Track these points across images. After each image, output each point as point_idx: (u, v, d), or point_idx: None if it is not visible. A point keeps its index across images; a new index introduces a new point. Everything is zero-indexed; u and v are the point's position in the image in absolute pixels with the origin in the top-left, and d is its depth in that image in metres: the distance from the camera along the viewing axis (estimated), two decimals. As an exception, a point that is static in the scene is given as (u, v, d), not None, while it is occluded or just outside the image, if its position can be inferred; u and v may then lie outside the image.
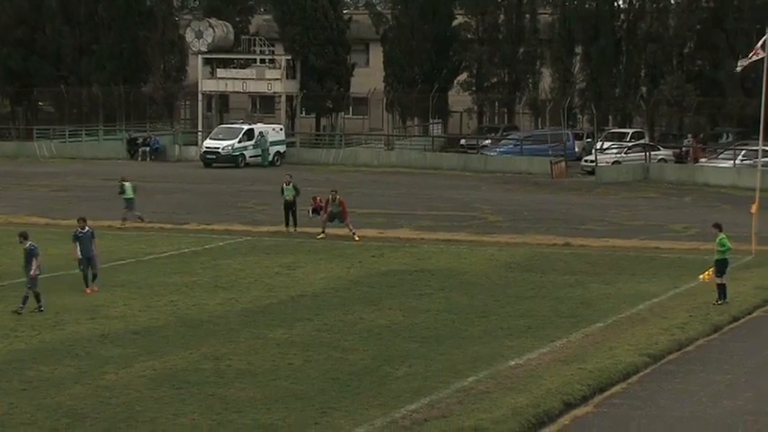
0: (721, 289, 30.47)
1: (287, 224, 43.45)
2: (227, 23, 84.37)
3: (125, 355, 24.41)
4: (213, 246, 40.47)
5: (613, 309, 29.58)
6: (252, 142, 73.24)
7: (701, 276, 31.50)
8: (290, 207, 43.51)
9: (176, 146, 79.25)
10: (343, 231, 41.63)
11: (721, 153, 67.15)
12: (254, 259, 37.27)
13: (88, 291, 31.69)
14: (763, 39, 39.10)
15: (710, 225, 32.82)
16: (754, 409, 21.17)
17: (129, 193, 45.87)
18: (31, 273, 29.38)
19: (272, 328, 27.18)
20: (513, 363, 23.95)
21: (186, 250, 39.36)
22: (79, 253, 31.99)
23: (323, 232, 41.93)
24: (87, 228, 32.38)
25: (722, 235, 31.23)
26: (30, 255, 29.71)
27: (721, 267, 30.80)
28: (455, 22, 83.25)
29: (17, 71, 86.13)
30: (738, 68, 40.40)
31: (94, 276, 32.17)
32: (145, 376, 22.77)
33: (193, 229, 44.50)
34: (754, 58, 38.56)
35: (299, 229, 43.08)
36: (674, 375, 23.60)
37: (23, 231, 30.86)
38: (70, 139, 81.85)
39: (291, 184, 43.61)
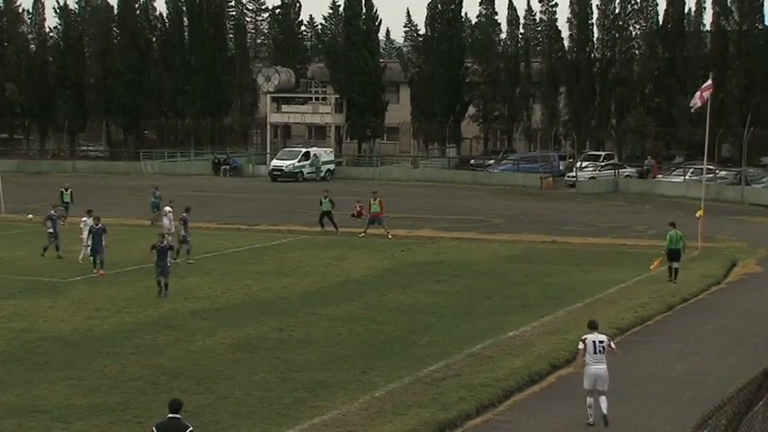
0: (672, 271, 30.90)
1: (322, 226, 42.71)
2: (289, 70, 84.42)
3: (210, 327, 24.50)
4: (278, 242, 40.51)
5: (590, 292, 29.48)
6: (308, 162, 73.20)
7: (652, 266, 31.57)
8: (325, 215, 42.74)
9: (250, 165, 79.23)
10: (379, 231, 41.61)
11: (674, 171, 66.80)
12: (310, 253, 37.28)
13: (97, 272, 31.72)
14: (707, 82, 38.91)
15: (666, 224, 32.94)
16: (700, 370, 21.06)
17: (67, 198, 45.26)
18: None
19: (324, 306, 27.21)
20: (511, 334, 23.90)
21: (258, 245, 39.41)
22: (89, 242, 32.48)
23: (364, 232, 41.87)
24: (100, 224, 32.50)
25: (672, 231, 31.37)
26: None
27: (673, 255, 30.98)
28: (466, 69, 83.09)
29: (128, 107, 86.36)
30: (692, 108, 39.95)
31: (101, 263, 32.09)
32: (225, 343, 22.84)
33: (263, 228, 44.51)
34: (699, 103, 38.29)
35: (341, 230, 42.44)
36: (637, 344, 23.49)
37: (162, 233, 30.82)
38: (168, 160, 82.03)
39: (328, 198, 42.95)
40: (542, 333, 23.96)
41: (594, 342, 17.52)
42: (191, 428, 12.54)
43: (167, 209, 38.81)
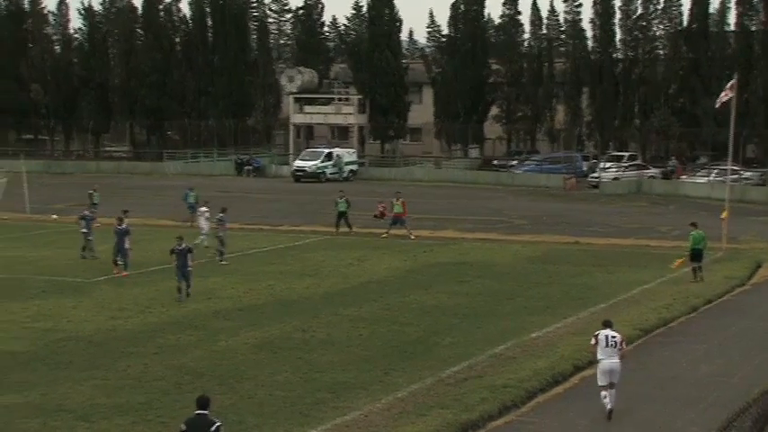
0: (696, 271, 31.21)
1: (337, 228, 42.70)
2: (312, 70, 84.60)
3: (233, 327, 24.55)
4: (301, 243, 40.57)
5: (613, 293, 29.38)
6: (331, 162, 73.34)
7: (673, 265, 31.60)
8: (341, 216, 42.88)
9: (273, 165, 79.46)
10: (402, 232, 41.59)
11: (698, 171, 66.54)
12: (333, 253, 37.30)
13: (118, 273, 31.65)
14: (731, 81, 38.66)
15: (688, 224, 32.95)
16: (724, 372, 20.94)
17: (97, 200, 45.67)
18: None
19: (346, 306, 27.22)
20: (534, 335, 23.84)
21: (280, 246, 39.48)
22: (116, 245, 32.20)
23: (387, 233, 41.87)
24: (123, 225, 32.41)
25: (694, 231, 31.38)
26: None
27: (695, 256, 31.06)
28: (489, 69, 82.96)
29: (151, 108, 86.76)
30: (717, 105, 39.83)
31: (125, 263, 32.14)
32: (248, 343, 22.88)
33: (286, 229, 44.60)
34: (725, 98, 38.10)
35: (364, 231, 42.58)
36: (661, 345, 23.39)
37: (179, 235, 29.79)
38: (191, 160, 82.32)
39: (344, 199, 43.05)
40: (565, 334, 23.87)
41: (607, 336, 17.90)
42: (218, 423, 12.71)
43: (203, 209, 39.06)
